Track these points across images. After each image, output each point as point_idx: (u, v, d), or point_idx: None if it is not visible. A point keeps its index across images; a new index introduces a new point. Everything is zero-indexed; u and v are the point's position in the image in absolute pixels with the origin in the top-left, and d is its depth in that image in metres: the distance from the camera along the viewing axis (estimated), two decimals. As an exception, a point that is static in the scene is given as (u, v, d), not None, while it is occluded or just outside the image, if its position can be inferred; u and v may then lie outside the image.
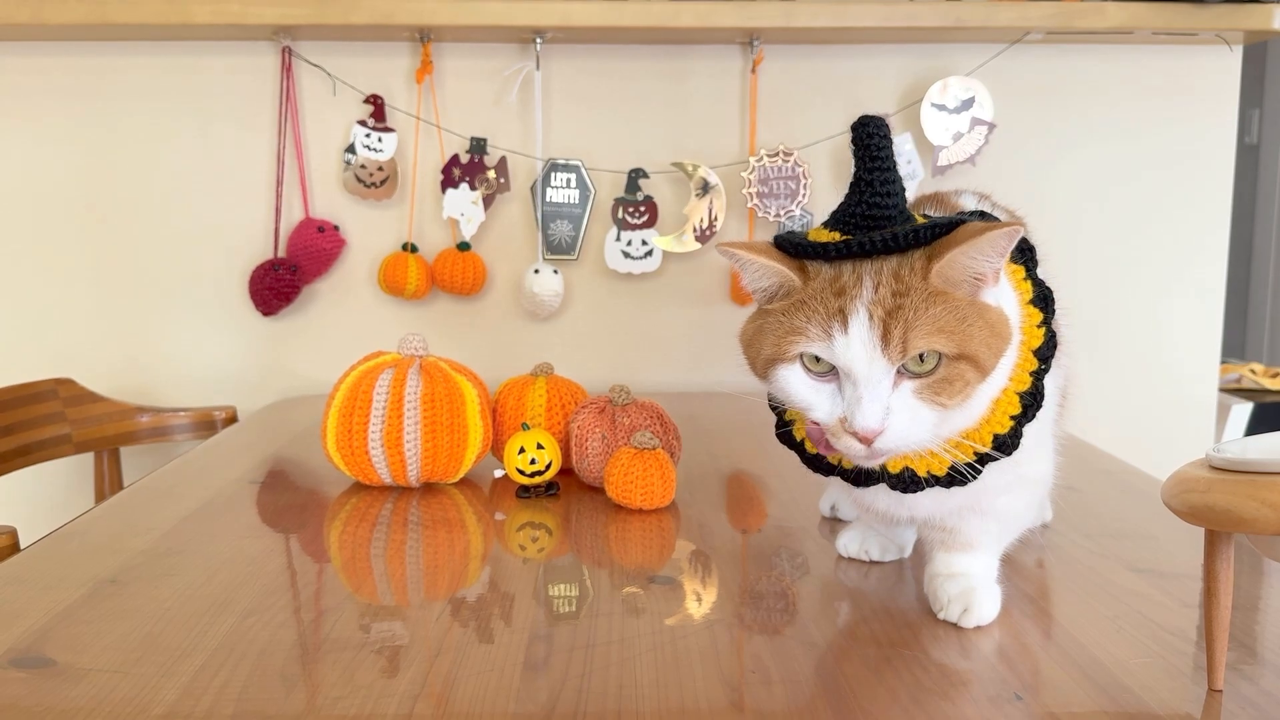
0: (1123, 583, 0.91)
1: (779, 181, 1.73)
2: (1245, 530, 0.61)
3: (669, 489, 1.11)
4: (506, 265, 1.81)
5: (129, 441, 1.70)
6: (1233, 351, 3.77)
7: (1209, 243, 1.80)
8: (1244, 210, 3.75)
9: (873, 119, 0.74)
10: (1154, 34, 1.67)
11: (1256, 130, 3.74)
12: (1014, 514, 0.84)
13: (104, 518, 1.10)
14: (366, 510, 1.13)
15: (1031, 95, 1.77)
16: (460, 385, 1.19)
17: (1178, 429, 1.83)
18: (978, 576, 0.83)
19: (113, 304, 1.81)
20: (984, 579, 0.83)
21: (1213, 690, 0.70)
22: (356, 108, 1.76)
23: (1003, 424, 0.76)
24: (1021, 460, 0.79)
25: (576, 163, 1.75)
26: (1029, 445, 0.78)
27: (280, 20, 1.62)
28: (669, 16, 1.61)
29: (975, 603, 0.81)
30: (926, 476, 0.77)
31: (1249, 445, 0.66)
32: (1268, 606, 0.87)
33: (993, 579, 0.84)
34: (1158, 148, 1.78)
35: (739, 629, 0.81)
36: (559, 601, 0.86)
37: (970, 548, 0.84)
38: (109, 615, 0.83)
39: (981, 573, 0.84)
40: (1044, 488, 0.87)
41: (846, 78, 1.76)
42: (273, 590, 0.89)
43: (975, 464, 0.75)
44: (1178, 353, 1.82)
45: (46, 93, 1.77)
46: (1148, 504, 1.14)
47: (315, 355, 1.83)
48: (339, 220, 1.79)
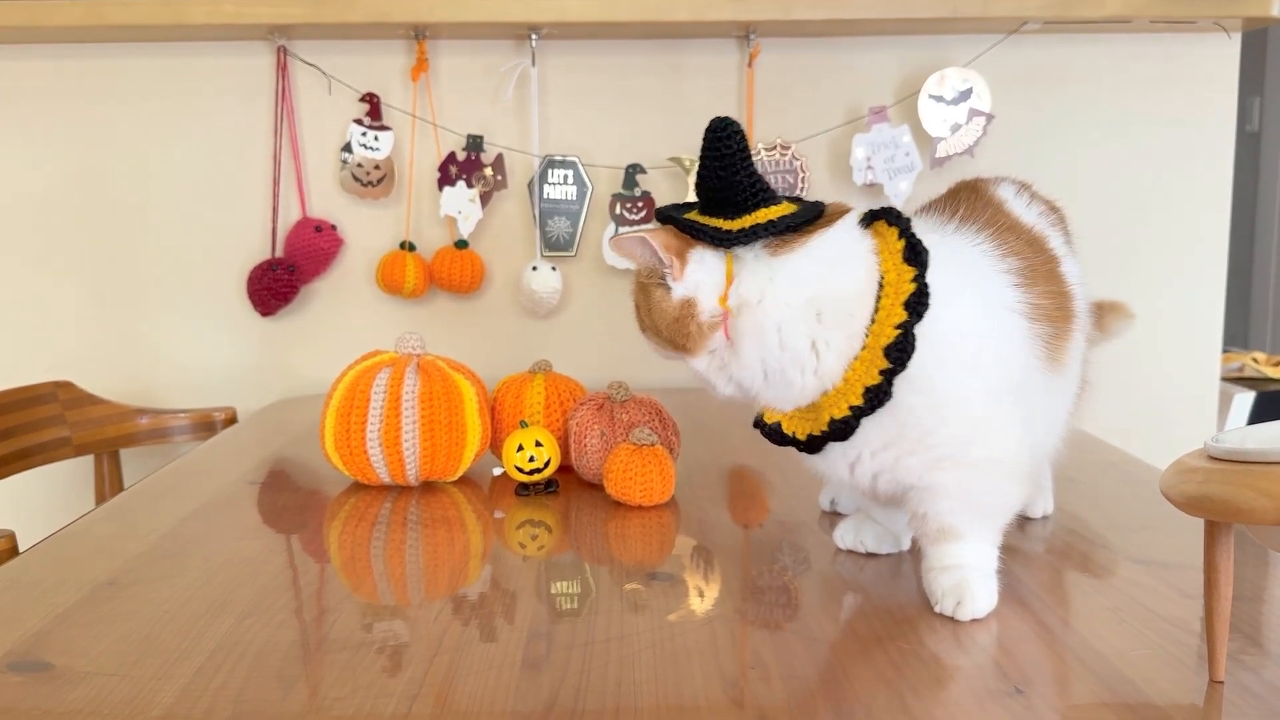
0: (1124, 574, 0.91)
1: (777, 175, 1.72)
2: (1243, 520, 0.61)
3: (668, 485, 1.11)
4: (504, 263, 1.80)
5: (129, 443, 1.70)
6: (1235, 340, 3.76)
7: (1209, 231, 1.80)
8: (1246, 198, 3.74)
9: (723, 121, 0.82)
10: (1152, 22, 1.67)
11: (1257, 118, 3.73)
12: (979, 498, 0.84)
13: (103, 520, 1.10)
14: (366, 510, 1.12)
15: (1029, 86, 1.76)
16: (458, 383, 1.19)
17: (1179, 418, 1.83)
18: (972, 568, 0.83)
19: (111, 306, 1.81)
20: (978, 570, 0.83)
21: (1214, 681, 0.70)
22: (352, 106, 1.76)
23: (873, 377, 0.80)
24: (966, 441, 0.81)
25: (574, 159, 1.75)
26: (968, 427, 0.82)
27: (275, 20, 1.62)
28: (665, 10, 1.61)
29: (969, 595, 0.81)
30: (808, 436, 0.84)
31: (1247, 435, 0.66)
32: (1272, 597, 0.86)
33: (988, 571, 0.84)
34: (1157, 136, 1.78)
35: (739, 625, 0.81)
36: (559, 599, 0.86)
37: (957, 537, 0.84)
38: (107, 618, 0.83)
39: (976, 564, 0.83)
40: (1007, 470, 0.84)
41: (843, 70, 1.76)
42: (271, 591, 0.89)
43: (852, 418, 0.81)
44: (1179, 342, 1.82)
45: (42, 95, 1.76)
46: (1149, 494, 1.13)
47: (314, 355, 1.83)
48: (336, 219, 1.78)
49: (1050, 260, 0.90)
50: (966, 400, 0.82)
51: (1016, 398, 0.84)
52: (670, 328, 0.85)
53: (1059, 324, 0.87)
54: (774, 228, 0.82)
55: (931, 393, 0.81)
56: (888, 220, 0.84)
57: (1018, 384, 0.84)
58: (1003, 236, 0.88)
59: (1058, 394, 0.91)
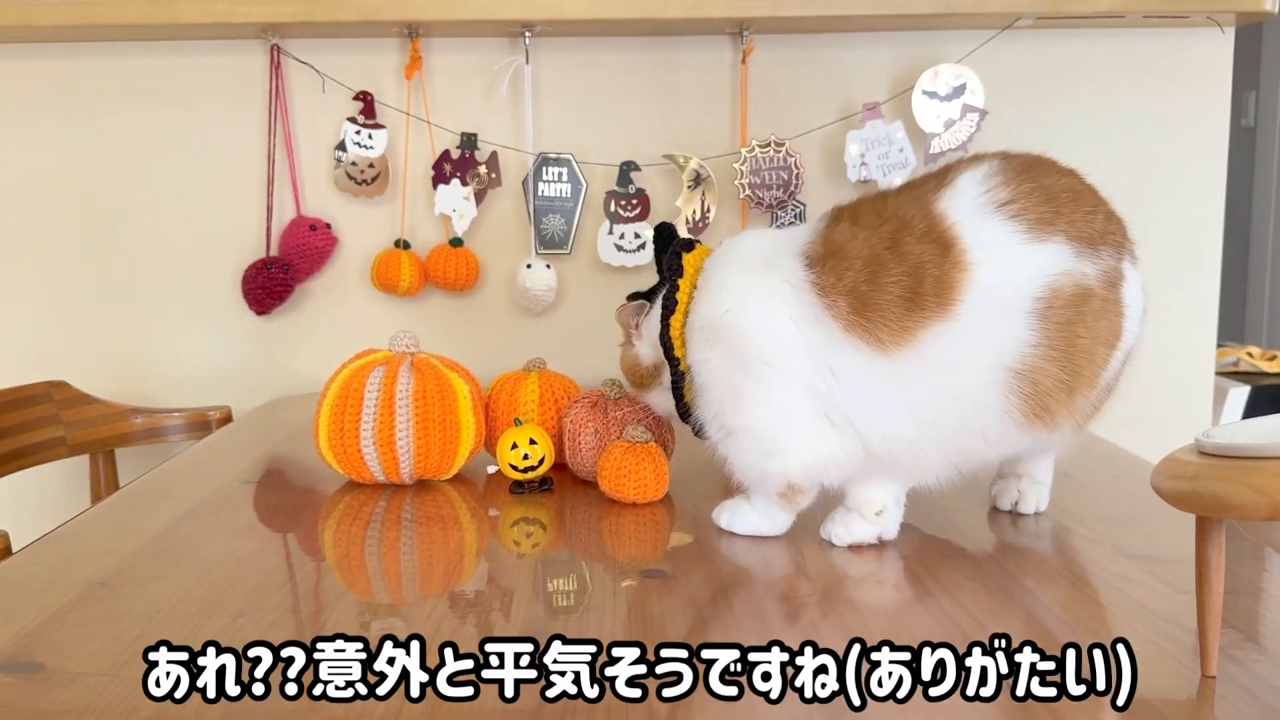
0: (1116, 569, 0.91)
1: (771, 172, 1.72)
2: (1234, 515, 0.61)
3: (662, 482, 1.11)
4: (499, 260, 1.80)
5: (124, 443, 1.70)
6: (1230, 335, 3.77)
7: (1204, 226, 1.80)
8: (1241, 193, 3.75)
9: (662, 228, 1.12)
10: (1145, 17, 1.67)
11: (1253, 112, 3.73)
12: (739, 461, 1.00)
13: (97, 520, 1.10)
14: (360, 508, 1.12)
15: (1023, 81, 1.76)
16: (452, 381, 1.19)
17: (1174, 413, 1.83)
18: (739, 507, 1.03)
19: (105, 306, 1.81)
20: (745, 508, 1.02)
21: (1206, 676, 0.70)
22: (346, 105, 1.76)
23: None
24: (730, 412, 0.98)
25: (568, 156, 1.75)
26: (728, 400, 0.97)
27: (268, 18, 1.61)
28: (658, 8, 1.60)
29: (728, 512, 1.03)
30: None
31: (1238, 430, 0.66)
32: (1266, 592, 0.86)
33: (749, 509, 1.02)
34: (1151, 132, 1.78)
35: (731, 621, 0.81)
36: (554, 596, 0.86)
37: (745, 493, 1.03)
38: (100, 618, 0.83)
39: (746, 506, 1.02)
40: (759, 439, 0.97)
41: (837, 67, 1.76)
42: (265, 590, 0.88)
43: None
44: (1174, 336, 1.82)
45: (35, 94, 1.76)
46: (1142, 489, 1.13)
47: (309, 354, 1.83)
48: (331, 218, 1.78)
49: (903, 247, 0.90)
50: (722, 378, 0.97)
51: (789, 376, 0.93)
52: (629, 373, 1.14)
53: (886, 307, 0.89)
54: (654, 293, 1.10)
55: (699, 373, 0.99)
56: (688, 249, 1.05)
57: (788, 362, 0.93)
58: (860, 217, 0.95)
59: (920, 379, 0.90)
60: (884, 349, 0.89)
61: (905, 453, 0.93)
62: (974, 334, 0.88)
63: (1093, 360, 0.90)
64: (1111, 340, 0.91)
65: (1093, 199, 0.96)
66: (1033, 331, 0.88)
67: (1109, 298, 0.90)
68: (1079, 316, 0.89)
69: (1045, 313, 0.88)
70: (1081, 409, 0.93)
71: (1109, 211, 0.96)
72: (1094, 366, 0.90)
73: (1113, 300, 0.91)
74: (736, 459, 0.99)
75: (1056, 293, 0.88)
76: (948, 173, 0.96)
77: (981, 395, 0.89)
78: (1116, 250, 0.93)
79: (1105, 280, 0.90)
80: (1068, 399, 0.90)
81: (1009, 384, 0.89)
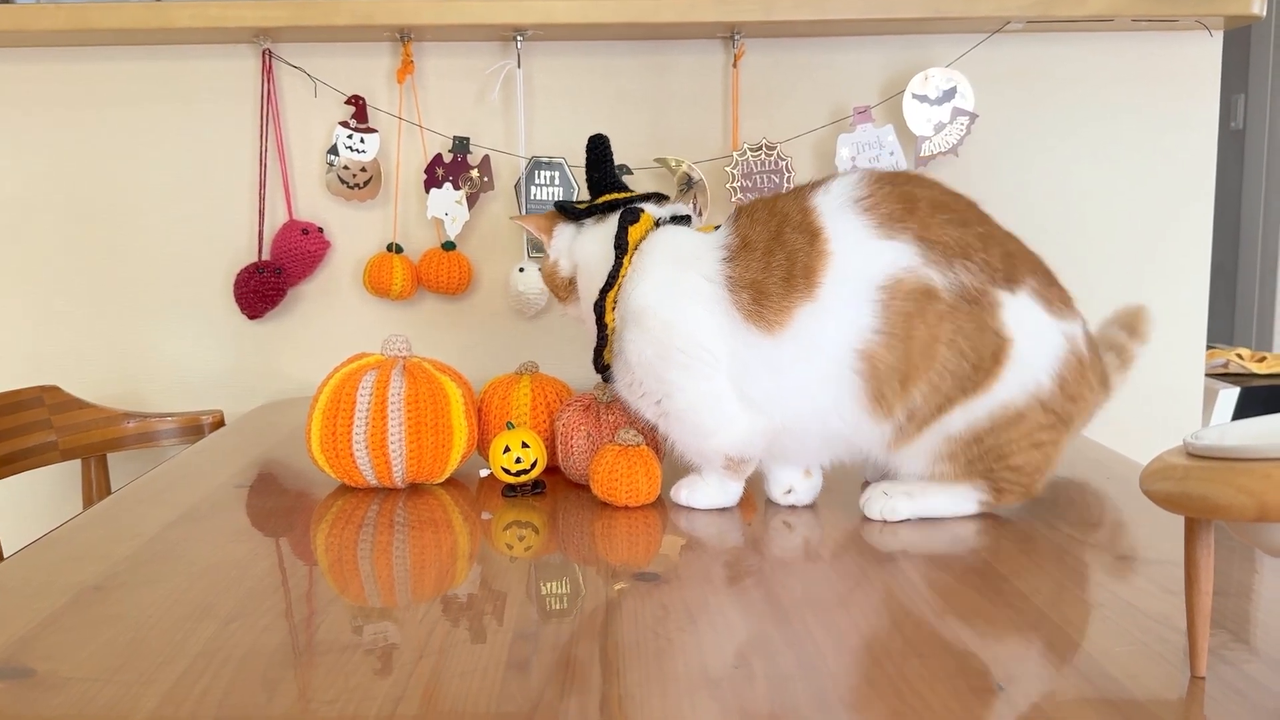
0: (1106, 570, 0.91)
1: (762, 175, 1.73)
2: (1222, 517, 0.61)
3: (654, 485, 1.11)
4: (492, 264, 1.80)
5: (116, 448, 1.69)
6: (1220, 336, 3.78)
7: (1193, 228, 1.81)
8: (1230, 195, 3.76)
9: (593, 137, 1.17)
10: (1134, 21, 1.68)
11: (1241, 115, 3.75)
12: (680, 440, 1.09)
13: (89, 524, 1.09)
14: (352, 512, 1.12)
15: (1013, 85, 1.77)
16: (444, 385, 1.19)
17: (1164, 415, 1.84)
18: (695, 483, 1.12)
19: (97, 310, 1.81)
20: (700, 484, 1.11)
21: (1195, 677, 0.70)
22: (338, 109, 1.76)
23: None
24: (661, 395, 1.07)
25: (560, 160, 1.75)
26: (656, 384, 1.06)
27: (260, 23, 1.61)
28: (649, 12, 1.61)
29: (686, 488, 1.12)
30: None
31: (1227, 432, 0.66)
32: (1256, 593, 0.87)
33: (703, 484, 1.11)
34: (1140, 135, 1.78)
35: (723, 623, 0.81)
36: (547, 599, 0.86)
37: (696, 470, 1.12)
38: (91, 623, 0.83)
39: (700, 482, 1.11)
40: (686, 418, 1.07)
41: (828, 70, 1.76)
42: (258, 594, 0.88)
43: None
44: (1163, 339, 1.83)
45: (27, 99, 1.76)
46: (1131, 491, 1.14)
47: (302, 358, 1.83)
48: (323, 222, 1.78)
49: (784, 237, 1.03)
50: (648, 362, 1.05)
51: (710, 363, 1.03)
52: (548, 282, 1.20)
53: (772, 289, 1.01)
54: (596, 209, 1.15)
55: (625, 350, 1.07)
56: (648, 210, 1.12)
57: (706, 351, 1.03)
58: (756, 215, 1.07)
59: (799, 356, 1.01)
60: (770, 331, 1.01)
61: (801, 428, 1.05)
62: (833, 315, 1.00)
63: (930, 356, 0.99)
64: (965, 349, 0.99)
65: (964, 215, 1.03)
66: (875, 318, 0.99)
67: (959, 308, 0.99)
68: (919, 311, 0.99)
69: (888, 302, 0.99)
70: (923, 409, 1.01)
71: (994, 237, 1.03)
72: (931, 362, 0.99)
73: (967, 313, 0.99)
74: (677, 440, 1.10)
75: (899, 283, 0.99)
76: (829, 178, 1.07)
77: (842, 375, 1.01)
78: (987, 273, 1.00)
79: (956, 291, 0.99)
80: (901, 389, 1.00)
81: (856, 365, 1.00)
